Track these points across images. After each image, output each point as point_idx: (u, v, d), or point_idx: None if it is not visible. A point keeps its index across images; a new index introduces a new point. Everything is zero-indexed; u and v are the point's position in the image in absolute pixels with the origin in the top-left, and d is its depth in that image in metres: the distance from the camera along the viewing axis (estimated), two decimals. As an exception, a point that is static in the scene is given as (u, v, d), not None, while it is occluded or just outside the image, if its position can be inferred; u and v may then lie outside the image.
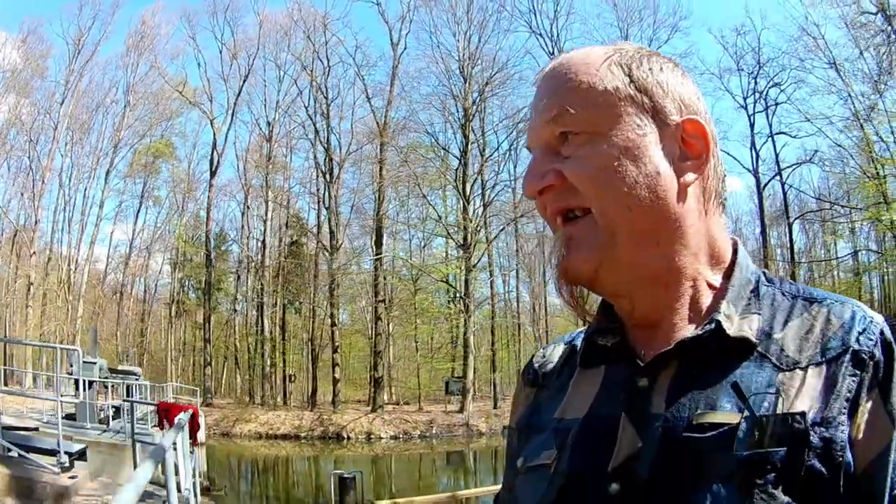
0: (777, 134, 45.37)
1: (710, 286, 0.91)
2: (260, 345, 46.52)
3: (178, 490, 7.15)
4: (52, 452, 9.17)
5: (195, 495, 8.92)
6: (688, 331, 0.88)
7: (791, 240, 47.37)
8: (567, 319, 54.01)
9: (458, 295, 42.55)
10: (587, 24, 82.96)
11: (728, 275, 0.92)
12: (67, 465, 9.16)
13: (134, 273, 54.35)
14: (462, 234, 41.89)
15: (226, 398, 46.78)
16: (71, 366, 16.64)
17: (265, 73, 49.29)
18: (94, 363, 16.93)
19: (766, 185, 47.83)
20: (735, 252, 0.95)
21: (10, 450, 9.02)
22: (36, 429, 11.41)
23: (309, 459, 32.88)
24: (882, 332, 0.84)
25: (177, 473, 7.27)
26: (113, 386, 17.94)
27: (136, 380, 21.44)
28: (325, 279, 44.43)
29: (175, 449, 6.90)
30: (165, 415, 10.41)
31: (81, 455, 9.94)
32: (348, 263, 45.26)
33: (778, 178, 46.65)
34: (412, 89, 46.28)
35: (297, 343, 50.68)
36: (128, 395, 17.74)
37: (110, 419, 14.89)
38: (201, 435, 8.36)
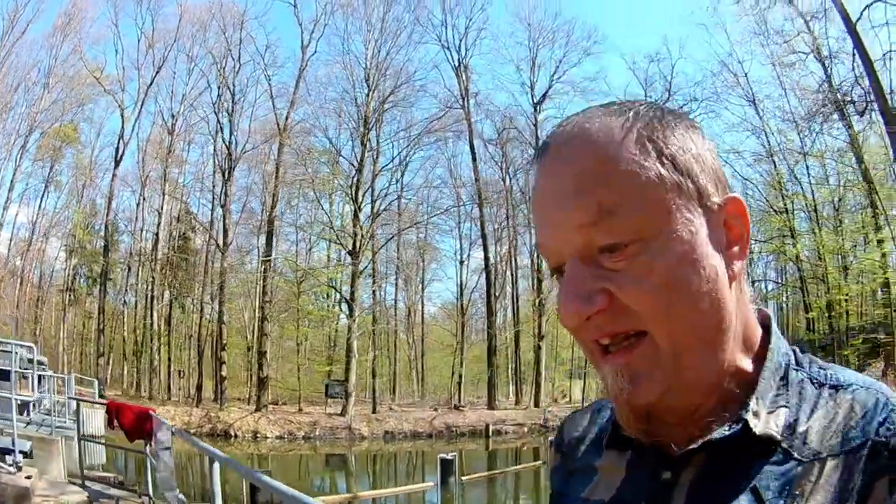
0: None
1: (743, 374, 0.85)
2: (148, 338, 46.56)
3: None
4: (7, 451, 9.43)
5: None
6: (716, 426, 0.81)
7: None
8: (443, 328, 55.13)
9: (344, 299, 43.52)
10: (497, 42, 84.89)
11: (760, 359, 0.86)
12: (21, 463, 9.44)
13: (32, 258, 53.75)
14: (351, 241, 42.53)
15: (113, 390, 46.63)
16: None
17: (176, 64, 49.33)
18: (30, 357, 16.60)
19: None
20: (767, 330, 0.90)
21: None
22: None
23: (205, 457, 33.10)
24: None
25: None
26: (24, 377, 17.40)
27: (44, 369, 20.89)
28: (214, 276, 44.87)
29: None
30: (117, 415, 10.55)
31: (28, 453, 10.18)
32: (239, 262, 45.89)
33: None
34: (317, 93, 47.43)
35: (185, 338, 50.76)
36: (40, 386, 17.58)
37: (29, 411, 14.88)
38: (167, 437, 8.49)
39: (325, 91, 47.67)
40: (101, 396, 37.74)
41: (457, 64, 49.32)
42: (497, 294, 49.69)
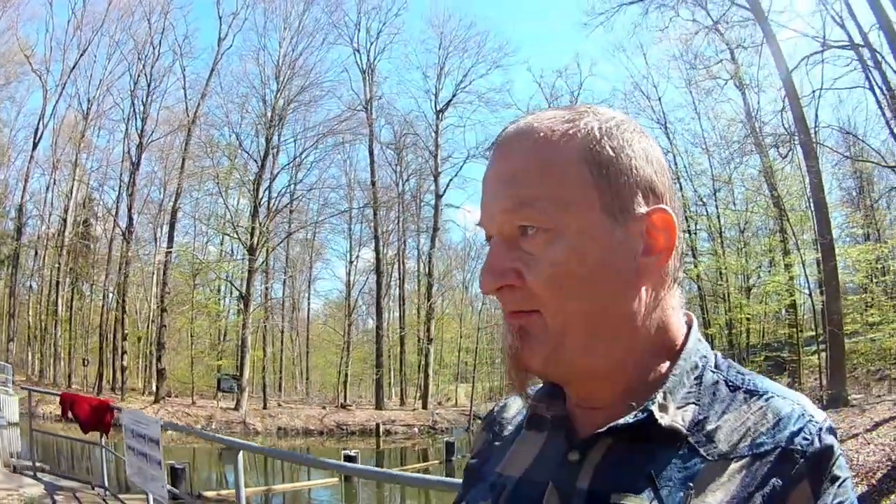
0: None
1: (656, 373, 0.90)
2: (52, 325, 45.28)
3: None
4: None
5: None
6: (624, 416, 0.86)
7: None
8: (330, 327, 54.99)
9: (240, 294, 43.32)
10: (407, 48, 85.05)
11: (676, 358, 0.90)
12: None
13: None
14: (249, 237, 42.51)
15: (18, 376, 45.07)
16: None
17: (98, 48, 47.94)
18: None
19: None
20: (688, 334, 0.93)
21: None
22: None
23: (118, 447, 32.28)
24: (821, 432, 0.82)
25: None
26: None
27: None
28: (115, 264, 43.79)
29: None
30: (71, 407, 10.49)
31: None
32: (143, 252, 44.96)
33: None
34: (229, 87, 46.53)
35: (87, 327, 49.54)
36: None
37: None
38: (153, 432, 8.44)
39: (237, 86, 47.09)
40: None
41: (365, 67, 49.59)
42: (384, 296, 50.12)
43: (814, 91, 28.21)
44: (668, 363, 0.91)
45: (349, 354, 48.92)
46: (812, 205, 29.16)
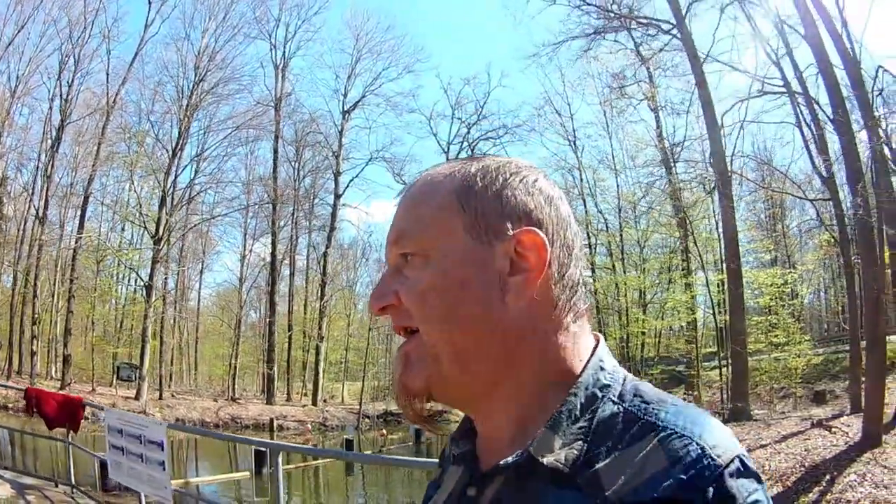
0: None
1: (547, 402, 0.87)
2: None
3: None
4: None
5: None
6: (513, 451, 0.86)
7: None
8: (217, 318, 54.66)
9: (143, 283, 42.69)
10: (323, 46, 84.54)
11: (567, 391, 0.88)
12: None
13: None
14: (155, 226, 41.91)
15: None
16: None
17: (33, 25, 45.77)
18: None
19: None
20: (588, 362, 0.91)
21: None
22: None
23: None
24: (720, 478, 0.75)
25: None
26: None
27: None
28: (28, 247, 41.93)
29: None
30: (36, 402, 10.01)
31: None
32: (55, 236, 43.20)
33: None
34: (149, 75, 45.71)
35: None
36: None
37: None
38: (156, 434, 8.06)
39: (157, 74, 46.26)
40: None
41: (279, 63, 49.40)
42: (274, 291, 50.36)
43: (738, 122, 27.91)
44: (561, 393, 0.88)
45: (238, 347, 49.14)
46: (721, 228, 29.92)
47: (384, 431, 40.35)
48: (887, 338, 17.14)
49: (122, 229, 49.65)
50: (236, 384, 48.93)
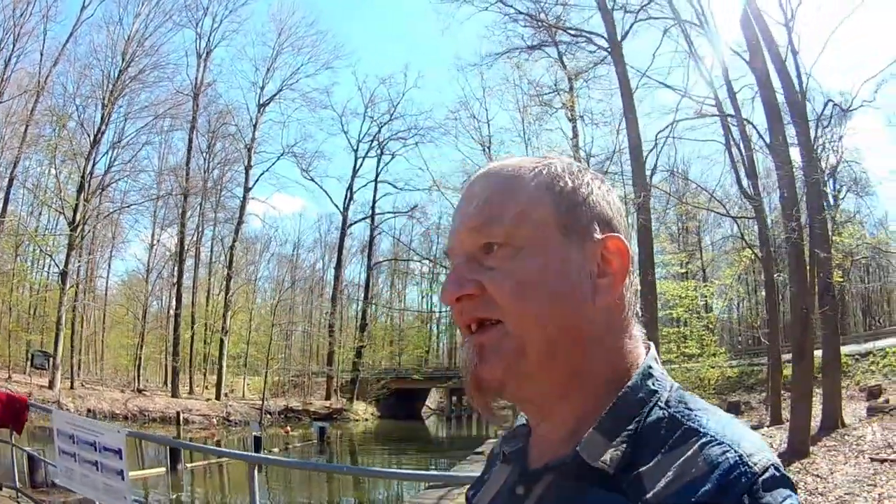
0: (381, 182, 48.68)
1: (602, 407, 0.89)
2: None
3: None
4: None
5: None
6: (563, 451, 0.88)
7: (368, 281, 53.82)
8: (123, 307, 53.86)
9: (59, 269, 42.10)
10: (247, 38, 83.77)
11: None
12: None
13: None
14: (73, 212, 41.35)
15: None
16: None
17: None
18: None
19: (353, 223, 52.79)
20: (640, 368, 0.93)
21: None
22: None
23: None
24: (752, 487, 0.76)
25: None
26: None
27: None
28: None
29: None
30: None
31: None
32: None
33: (369, 221, 50.50)
34: (81, 57, 45.01)
35: None
36: None
37: None
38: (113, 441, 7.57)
39: (86, 57, 45.37)
40: None
41: (202, 53, 49.04)
42: (181, 282, 50.55)
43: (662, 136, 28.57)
44: (615, 396, 0.90)
45: (143, 338, 48.82)
46: (636, 241, 30.23)
47: (288, 428, 40.92)
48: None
49: (40, 214, 48.62)
50: (142, 377, 48.58)
